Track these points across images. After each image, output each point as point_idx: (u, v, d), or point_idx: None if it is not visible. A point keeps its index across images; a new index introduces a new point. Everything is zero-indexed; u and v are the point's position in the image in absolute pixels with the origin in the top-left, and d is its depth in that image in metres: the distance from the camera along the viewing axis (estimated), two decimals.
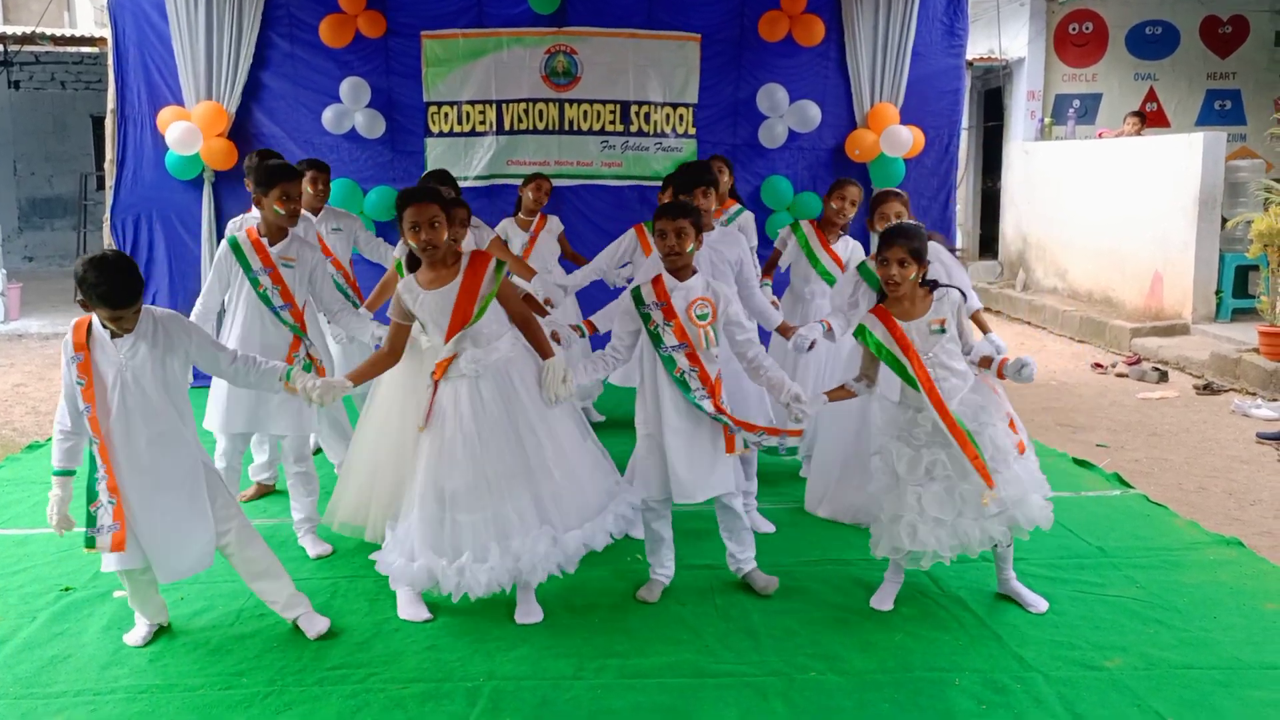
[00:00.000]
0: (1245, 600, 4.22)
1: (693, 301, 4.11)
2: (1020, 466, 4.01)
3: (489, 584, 3.85)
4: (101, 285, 3.45)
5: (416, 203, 3.84)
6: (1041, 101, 13.70)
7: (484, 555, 3.84)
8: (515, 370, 3.96)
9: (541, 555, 3.86)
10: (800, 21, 8.17)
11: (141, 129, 7.94)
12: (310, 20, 7.94)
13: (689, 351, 4.09)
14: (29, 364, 9.39)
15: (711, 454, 4.15)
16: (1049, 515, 4.05)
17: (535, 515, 3.90)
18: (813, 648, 3.84)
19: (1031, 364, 4.00)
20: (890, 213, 5.04)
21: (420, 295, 3.90)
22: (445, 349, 3.89)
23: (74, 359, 3.63)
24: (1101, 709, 3.40)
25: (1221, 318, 10.02)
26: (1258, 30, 13.62)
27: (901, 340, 3.96)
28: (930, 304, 4.01)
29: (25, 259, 16.07)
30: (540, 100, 8.28)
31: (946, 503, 3.94)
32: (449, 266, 3.92)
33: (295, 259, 4.73)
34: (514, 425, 3.90)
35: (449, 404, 3.91)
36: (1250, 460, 6.41)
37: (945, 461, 3.93)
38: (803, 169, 8.44)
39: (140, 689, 3.57)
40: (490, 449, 3.87)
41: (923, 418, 3.97)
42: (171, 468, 3.70)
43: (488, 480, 3.86)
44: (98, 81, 14.92)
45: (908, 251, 3.92)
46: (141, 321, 3.63)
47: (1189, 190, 9.94)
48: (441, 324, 3.87)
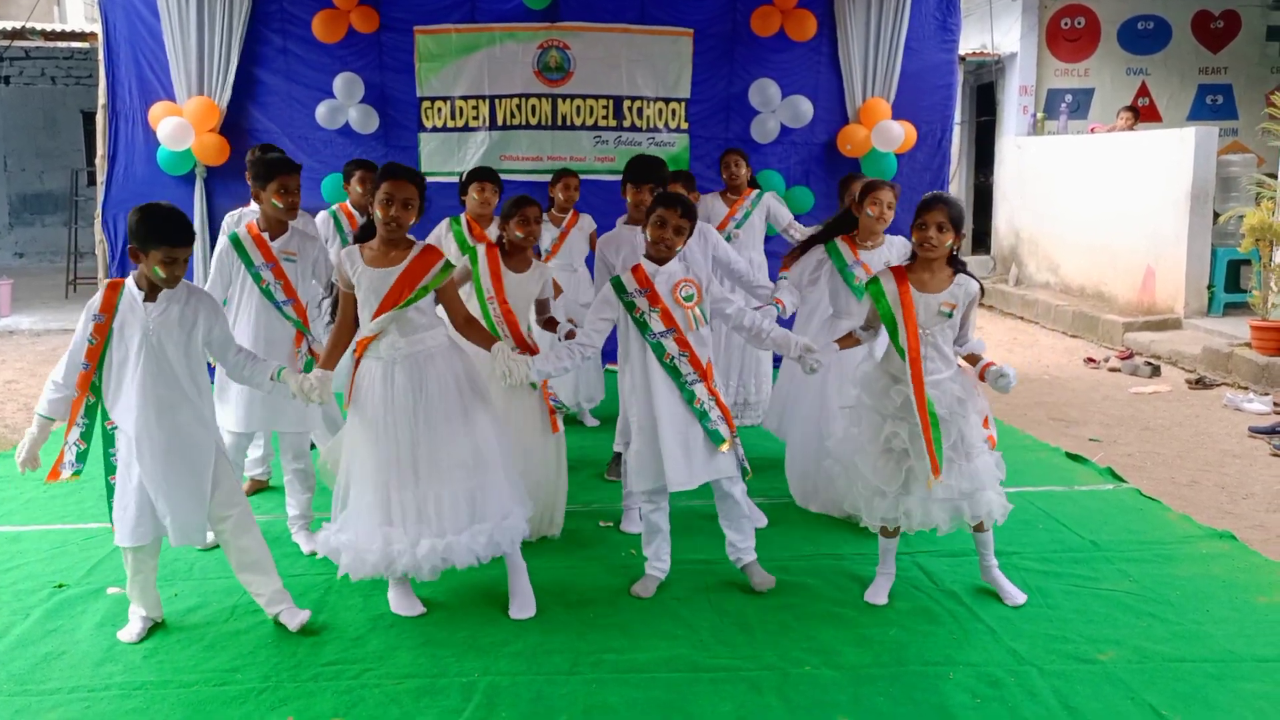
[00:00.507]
0: (1237, 593, 4.24)
1: (676, 284, 4.12)
2: (981, 461, 4.03)
3: (374, 565, 3.86)
4: (164, 225, 3.59)
5: (397, 179, 3.86)
6: (1034, 96, 13.71)
7: (372, 538, 3.86)
8: (433, 367, 3.93)
9: (398, 553, 3.84)
10: (792, 16, 8.16)
11: (133, 124, 7.91)
12: (303, 15, 7.92)
13: (677, 336, 4.09)
14: (20, 360, 9.36)
15: (703, 442, 4.15)
16: (1002, 511, 4.08)
17: (414, 513, 3.88)
18: (807, 642, 3.85)
19: (1011, 375, 4.00)
20: (884, 201, 4.97)
21: (360, 268, 3.89)
22: (369, 327, 3.89)
23: (96, 317, 3.70)
24: (1095, 702, 3.42)
25: (1213, 312, 10.05)
26: (1249, 25, 13.64)
27: (908, 308, 3.95)
28: (949, 285, 4.00)
29: (16, 255, 16.02)
30: (533, 95, 8.27)
31: (893, 476, 3.99)
32: (400, 250, 3.92)
33: (296, 253, 4.72)
34: (414, 420, 3.88)
35: (366, 383, 3.93)
36: (1242, 454, 6.43)
37: (904, 437, 3.97)
38: (795, 164, 8.45)
39: (134, 685, 3.56)
40: (390, 436, 3.87)
41: (896, 390, 3.99)
42: (184, 437, 3.74)
43: (386, 464, 3.88)
44: (88, 77, 14.87)
45: (947, 217, 3.92)
46: (180, 290, 3.73)
47: (1181, 185, 9.96)
48: (373, 302, 3.87)
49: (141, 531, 3.76)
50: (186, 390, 3.75)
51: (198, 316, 3.77)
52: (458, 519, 3.91)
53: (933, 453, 3.90)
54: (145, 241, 3.59)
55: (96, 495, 5.44)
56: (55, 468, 3.80)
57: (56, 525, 5.09)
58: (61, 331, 10.64)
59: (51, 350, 9.79)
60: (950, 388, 3.99)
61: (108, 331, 3.69)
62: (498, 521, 3.98)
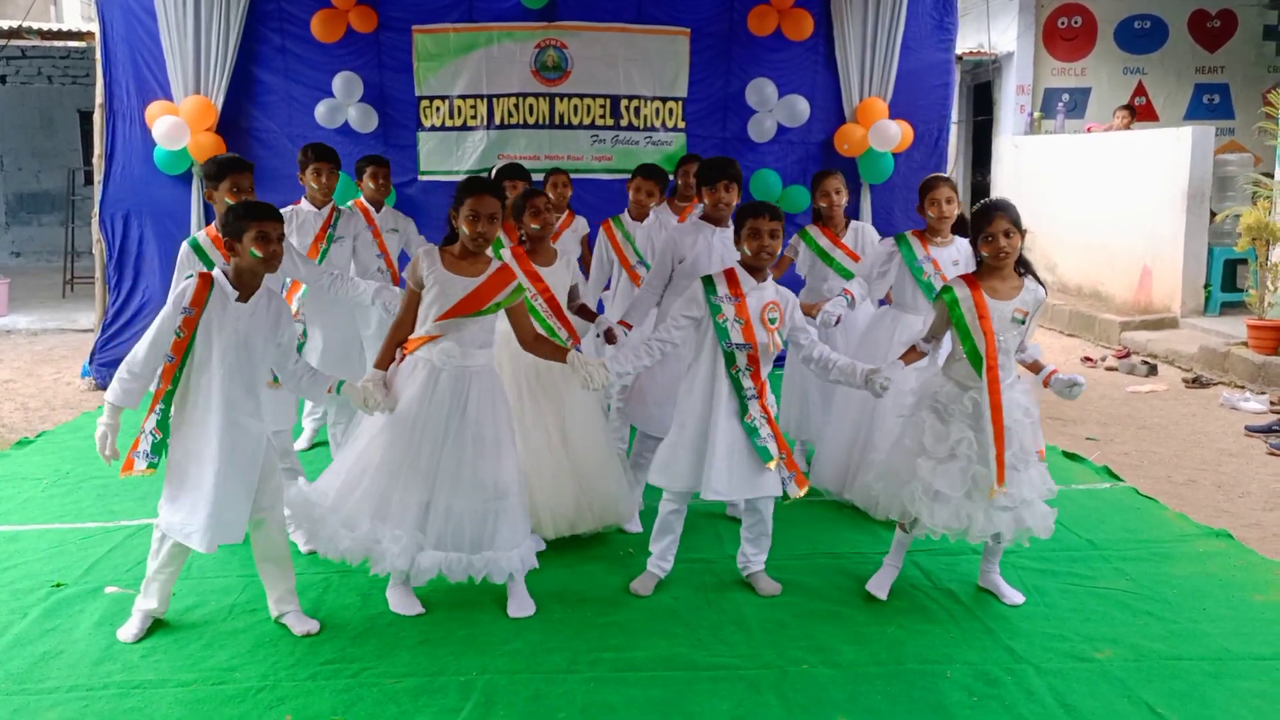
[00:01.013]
0: (1234, 592, 4.25)
1: (765, 305, 4.09)
2: (1037, 471, 4.03)
3: (345, 552, 3.86)
4: (259, 207, 3.70)
5: (483, 194, 3.90)
6: (1031, 96, 13.72)
7: (355, 525, 3.87)
8: (477, 385, 3.95)
9: (395, 551, 3.84)
10: (789, 16, 8.18)
11: (130, 124, 7.91)
12: (302, 15, 7.94)
13: (751, 353, 4.07)
14: (17, 360, 9.35)
15: (751, 459, 4.13)
16: (1050, 525, 4.07)
17: (415, 518, 3.89)
18: (805, 640, 3.86)
19: (1082, 383, 4.02)
20: (941, 198, 4.95)
21: (438, 270, 3.92)
22: (431, 327, 3.90)
23: (186, 311, 3.68)
24: (1092, 700, 3.42)
25: (1210, 311, 10.06)
26: (1246, 24, 13.66)
27: (984, 317, 3.91)
28: (1019, 291, 3.98)
29: (13, 254, 16.00)
30: (530, 95, 8.29)
31: (958, 482, 3.94)
32: (480, 263, 3.97)
33: None
34: (446, 430, 3.89)
35: (406, 380, 3.94)
36: (1239, 453, 6.44)
37: (971, 441, 3.93)
38: (792, 163, 8.46)
39: (133, 684, 3.56)
40: (415, 437, 3.88)
41: (967, 397, 3.95)
42: (244, 435, 3.76)
43: (401, 464, 3.89)
44: (85, 76, 14.86)
45: (1011, 221, 3.91)
46: (264, 292, 3.79)
47: (1178, 184, 9.97)
48: (442, 304, 3.89)
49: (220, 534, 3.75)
50: (257, 387, 3.82)
51: (279, 322, 3.83)
52: (465, 536, 3.92)
53: (1001, 462, 3.87)
54: (248, 228, 3.64)
55: (95, 495, 5.47)
56: (129, 459, 3.75)
57: (54, 525, 5.08)
58: (59, 331, 10.63)
59: (49, 350, 9.79)
60: (1015, 396, 3.97)
61: (195, 326, 3.68)
62: (506, 550, 3.97)
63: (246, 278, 3.74)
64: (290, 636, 3.89)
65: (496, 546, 3.94)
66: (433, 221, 6.64)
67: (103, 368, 8.02)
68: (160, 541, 3.85)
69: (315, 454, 6.22)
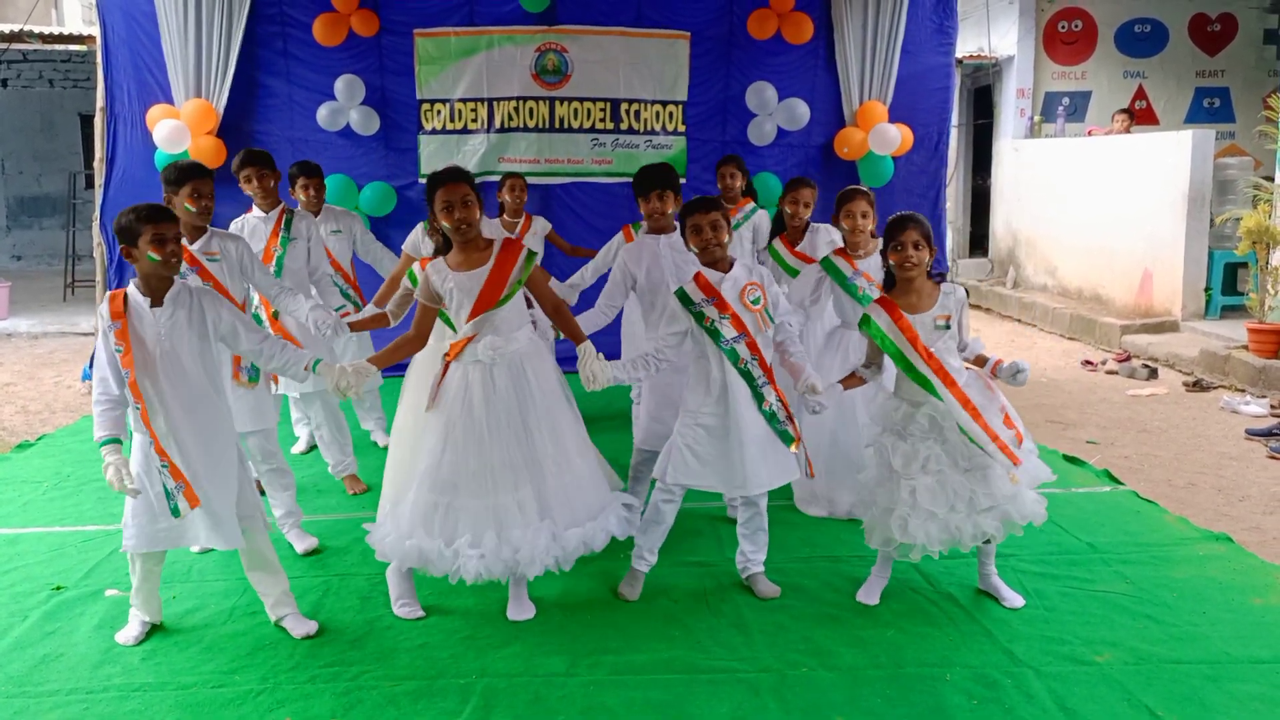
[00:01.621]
0: (1234, 595, 4.25)
1: (744, 288, 4.09)
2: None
3: (478, 571, 3.81)
4: (154, 210, 3.66)
5: (448, 183, 3.88)
6: (1031, 99, 13.72)
7: (479, 542, 3.83)
8: (530, 364, 3.96)
9: (541, 549, 3.84)
10: (789, 19, 8.19)
11: (131, 127, 7.92)
12: (303, 19, 7.95)
13: (748, 340, 4.07)
14: (18, 363, 9.36)
15: (778, 445, 4.15)
16: (1042, 511, 4.06)
17: (536, 509, 3.89)
18: (804, 643, 3.86)
19: (1026, 369, 4.02)
20: (856, 211, 4.99)
21: (449, 275, 3.90)
22: (465, 329, 3.89)
23: (111, 326, 3.66)
24: (1091, 703, 3.42)
25: (1211, 315, 10.06)
26: (1246, 28, 13.66)
27: (909, 332, 3.94)
28: (937, 298, 4.00)
29: (14, 258, 16.03)
30: (531, 98, 8.29)
31: (939, 496, 3.94)
32: (481, 250, 3.93)
33: (218, 252, 4.66)
34: (524, 418, 3.90)
35: (459, 387, 3.91)
36: (1239, 457, 6.44)
37: (940, 454, 3.94)
38: (792, 166, 8.45)
39: (133, 687, 3.56)
40: (497, 438, 3.87)
41: (921, 412, 3.97)
42: (209, 439, 3.75)
43: (492, 469, 3.86)
44: (86, 80, 14.88)
45: (921, 234, 3.93)
46: (180, 292, 3.73)
47: (1178, 187, 9.98)
48: (466, 305, 3.88)
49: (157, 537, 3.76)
50: (205, 389, 3.76)
51: (204, 313, 3.76)
52: (589, 504, 3.98)
53: (1003, 446, 3.85)
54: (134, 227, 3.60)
55: (95, 498, 5.47)
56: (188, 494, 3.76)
57: (55, 528, 5.09)
58: (59, 335, 10.64)
59: (49, 353, 9.80)
60: (969, 395, 3.98)
61: (127, 336, 3.66)
62: (613, 510, 4.06)
63: (154, 283, 3.69)
64: (290, 639, 3.90)
65: (608, 505, 4.03)
66: None
67: None
68: (131, 560, 3.86)
69: (312, 457, 6.21)
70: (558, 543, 3.87)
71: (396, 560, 3.99)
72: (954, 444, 3.92)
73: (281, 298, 4.87)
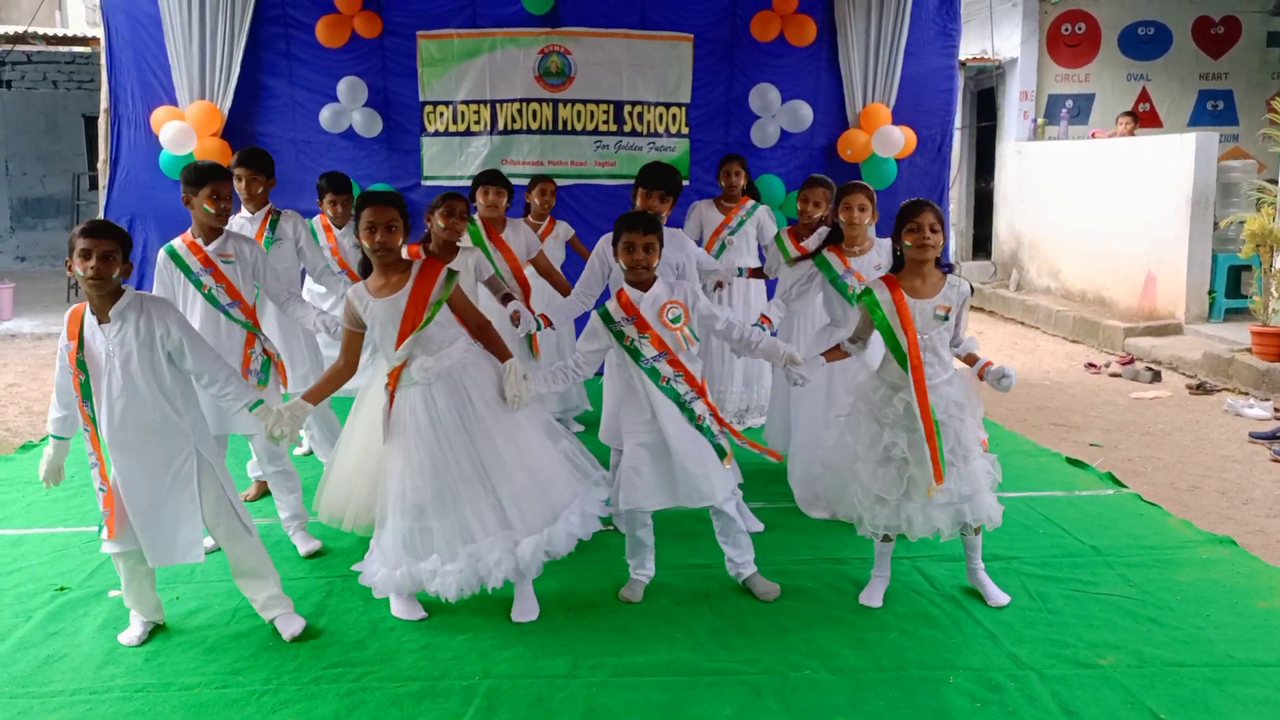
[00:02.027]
0: (1238, 598, 4.24)
1: (662, 307, 4.09)
2: (978, 464, 4.05)
3: (459, 586, 3.86)
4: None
5: (376, 204, 3.85)
6: (1034, 102, 13.72)
7: (452, 558, 3.87)
8: (468, 376, 3.94)
9: (494, 559, 3.85)
10: (792, 21, 8.18)
11: (135, 129, 7.92)
12: (306, 20, 7.96)
13: (670, 358, 4.08)
14: (22, 364, 9.37)
15: (713, 456, 4.15)
16: (997, 515, 4.09)
17: (495, 520, 3.90)
18: (806, 645, 3.85)
19: (1012, 375, 4.04)
20: (854, 204, 4.99)
21: (369, 303, 3.88)
22: (395, 356, 3.88)
23: (65, 348, 3.68)
24: (1095, 706, 3.42)
25: (1214, 318, 10.05)
26: (1249, 30, 13.66)
27: (904, 316, 3.96)
28: (941, 288, 4.02)
29: (17, 259, 16.05)
30: (534, 100, 8.29)
31: (894, 484, 3.99)
32: (400, 273, 3.90)
33: (234, 254, 4.68)
34: (469, 431, 3.89)
35: (407, 414, 3.92)
36: (1243, 459, 6.43)
37: (904, 446, 3.97)
38: (795, 168, 8.45)
39: (136, 688, 3.57)
40: (449, 456, 3.87)
41: (897, 398, 4.00)
42: (160, 456, 3.73)
43: (452, 485, 3.87)
44: (90, 81, 14.89)
45: (936, 218, 3.95)
46: (129, 306, 3.67)
47: (1182, 190, 9.97)
48: (391, 332, 3.86)
49: (121, 539, 3.77)
50: (160, 407, 3.71)
51: (153, 326, 3.69)
52: (542, 512, 3.95)
53: (936, 460, 3.91)
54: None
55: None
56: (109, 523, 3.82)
57: (58, 529, 5.10)
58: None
59: (53, 354, 9.73)
60: (948, 392, 4.01)
61: (79, 359, 3.66)
62: (584, 496, 4.05)
63: (97, 301, 3.65)
64: (293, 642, 3.89)
65: (570, 507, 4.00)
66: None
67: None
68: (114, 559, 3.88)
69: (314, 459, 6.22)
70: (514, 552, 3.87)
71: (391, 592, 4.00)
72: (920, 435, 3.93)
73: (290, 304, 4.88)
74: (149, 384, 3.69)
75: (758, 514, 5.10)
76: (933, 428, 3.91)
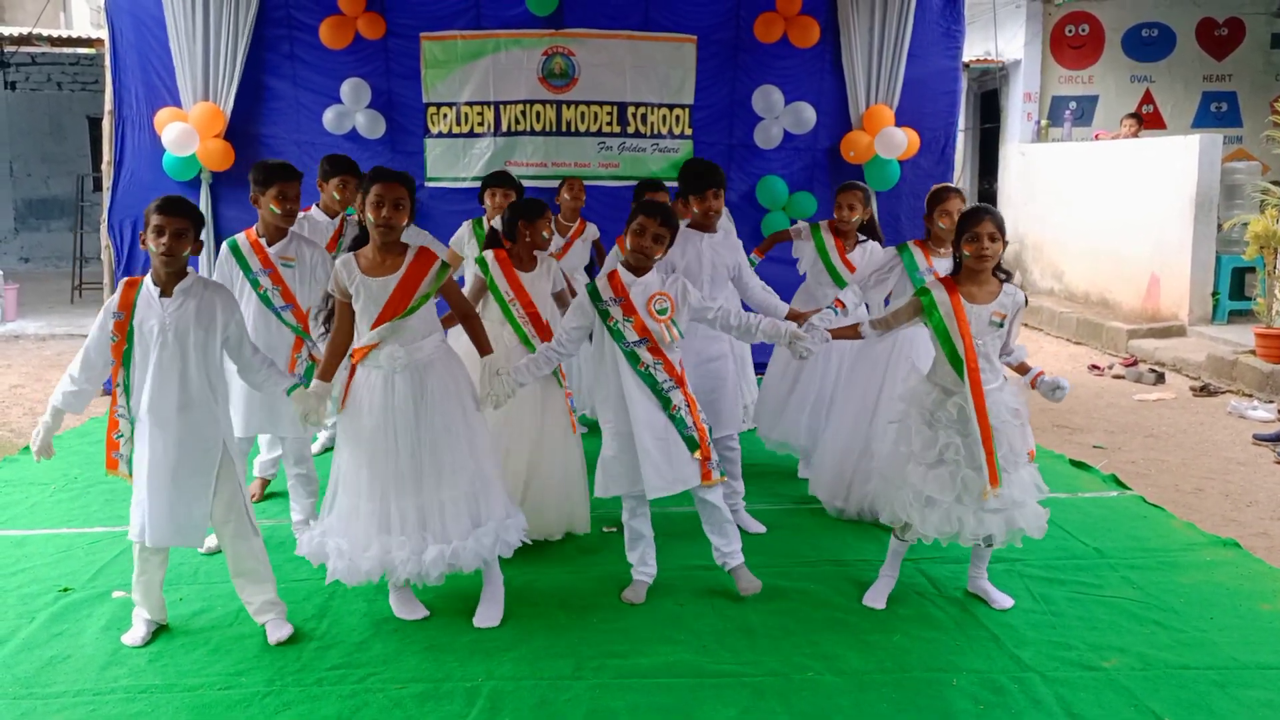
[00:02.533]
0: (1241, 601, 4.24)
1: (651, 296, 4.10)
2: (1027, 472, 4.03)
3: (368, 572, 3.87)
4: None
5: (386, 181, 3.86)
6: (1038, 103, 13.73)
7: (368, 545, 3.87)
8: (434, 374, 3.94)
9: (402, 559, 3.84)
10: (796, 23, 8.18)
11: (139, 130, 7.93)
12: (310, 22, 7.96)
13: (651, 346, 4.08)
14: (26, 365, 9.38)
15: (681, 448, 4.13)
16: (1043, 525, 4.06)
17: (415, 519, 3.89)
18: (810, 648, 3.85)
19: (1065, 386, 4.05)
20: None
21: (357, 277, 3.88)
22: (368, 335, 3.87)
23: (115, 315, 3.72)
24: (1098, 709, 3.41)
25: (1218, 320, 10.04)
26: (1254, 32, 13.66)
27: (962, 320, 3.94)
28: (998, 295, 4.01)
29: (22, 260, 16.07)
30: (537, 102, 8.30)
31: (947, 486, 3.96)
32: (395, 256, 3.91)
33: (295, 258, 4.73)
34: (419, 427, 3.89)
35: (364, 393, 3.92)
36: (1247, 462, 6.42)
37: (959, 446, 3.94)
38: (798, 169, 8.47)
39: (139, 689, 3.57)
40: (392, 446, 3.87)
41: (951, 402, 3.97)
42: (192, 436, 3.76)
43: (384, 475, 3.88)
44: (94, 83, 14.92)
45: (996, 225, 3.94)
46: (194, 284, 3.77)
47: (1185, 192, 9.96)
48: (371, 311, 3.86)
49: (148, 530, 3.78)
50: (201, 388, 3.77)
51: (215, 311, 3.78)
52: (462, 524, 3.93)
53: (992, 464, 3.88)
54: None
55: (103, 499, 5.48)
56: (112, 457, 3.85)
57: (62, 529, 5.10)
58: (67, 336, 10.66)
59: (57, 355, 9.82)
60: (1003, 398, 3.98)
61: (128, 328, 3.71)
62: (501, 520, 4.03)
63: (163, 275, 3.73)
64: (296, 643, 3.90)
65: (492, 519, 3.99)
66: (442, 230, 6.63)
67: None
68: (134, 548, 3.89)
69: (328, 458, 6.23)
70: (415, 557, 3.85)
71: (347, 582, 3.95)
72: (975, 439, 3.91)
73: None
74: (196, 363, 3.74)
75: (761, 515, 5.10)
76: (989, 432, 3.88)
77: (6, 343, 10.50)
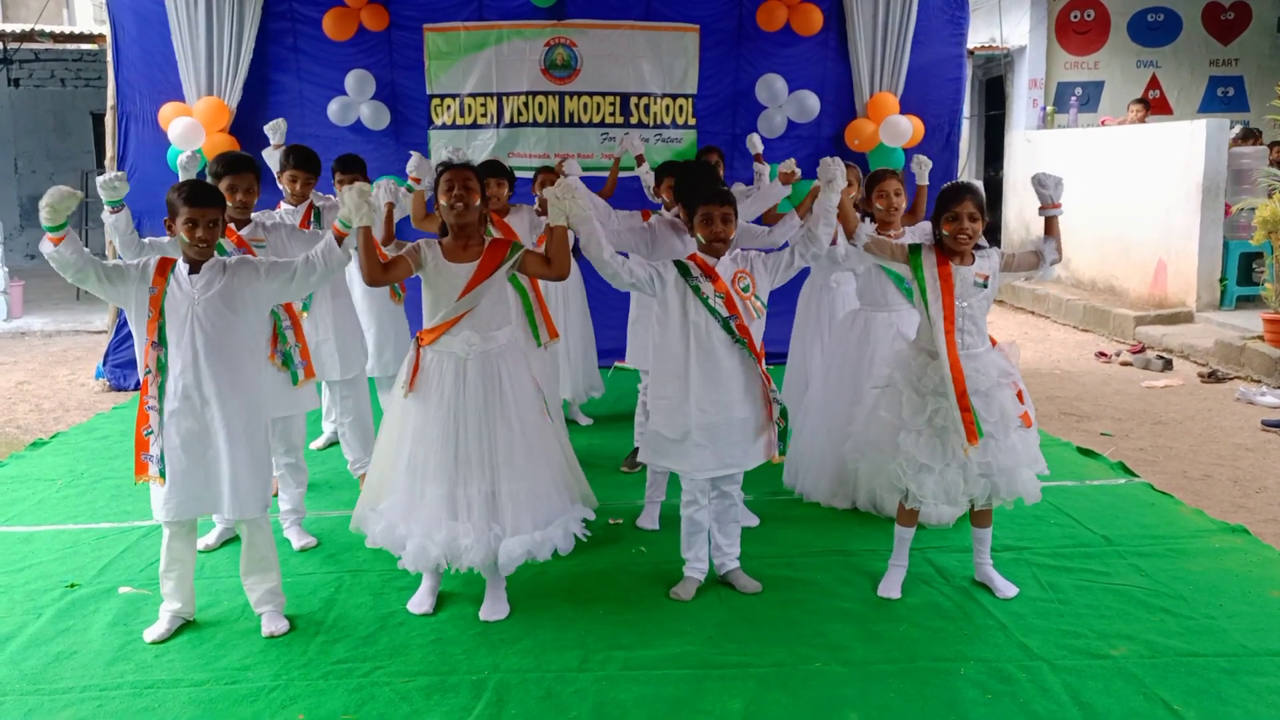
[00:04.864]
0: (1251, 588, 4.22)
1: (735, 275, 4.09)
2: (1019, 438, 4.01)
3: (437, 559, 3.87)
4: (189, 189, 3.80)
5: (454, 169, 3.92)
6: (1043, 90, 13.66)
7: (438, 530, 3.87)
8: (505, 365, 3.95)
9: (467, 545, 3.84)
10: (798, 11, 8.15)
11: (143, 125, 7.94)
12: (313, 14, 7.97)
13: (738, 323, 4.04)
14: (32, 361, 9.40)
15: (758, 424, 4.12)
16: (1036, 491, 4.06)
17: (483, 509, 3.89)
18: (816, 638, 3.84)
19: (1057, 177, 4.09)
20: (889, 190, 4.95)
21: (440, 262, 3.90)
22: (456, 306, 3.86)
23: (150, 290, 3.74)
24: (1107, 697, 3.40)
25: (1226, 305, 9.99)
26: (1260, 16, 13.58)
27: (946, 280, 3.95)
28: (975, 258, 4.03)
29: (27, 257, 16.07)
30: (540, 93, 8.30)
31: (937, 451, 3.97)
32: (475, 244, 3.94)
33: (264, 239, 4.69)
34: (489, 416, 3.89)
35: (434, 374, 3.92)
36: (1255, 448, 6.40)
37: (947, 410, 3.95)
38: (802, 158, 8.34)
39: (146, 684, 3.57)
40: (461, 431, 3.88)
41: (933, 367, 3.97)
42: (243, 406, 3.77)
43: (454, 460, 3.88)
44: (98, 79, 14.91)
45: (976, 205, 3.95)
46: (215, 262, 3.80)
47: (1192, 178, 9.91)
48: (449, 297, 3.88)
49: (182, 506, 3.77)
50: (238, 362, 3.77)
51: (241, 281, 3.77)
52: (533, 514, 3.95)
53: (969, 421, 3.88)
54: (170, 209, 3.77)
55: (109, 496, 5.49)
56: (141, 461, 3.77)
57: (68, 525, 5.10)
58: (73, 333, 10.69)
59: (63, 351, 9.84)
60: (991, 359, 3.99)
61: (160, 304, 3.71)
62: (568, 513, 4.06)
63: (194, 256, 3.77)
64: (302, 636, 3.90)
65: (556, 521, 4.01)
66: None
67: (116, 369, 8.06)
68: (164, 538, 3.88)
69: (329, 454, 6.23)
70: (486, 544, 3.86)
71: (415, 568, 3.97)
72: (953, 401, 3.92)
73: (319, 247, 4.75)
74: (226, 337, 3.74)
75: (756, 506, 5.04)
76: (964, 388, 3.88)
77: (12, 339, 10.53)
